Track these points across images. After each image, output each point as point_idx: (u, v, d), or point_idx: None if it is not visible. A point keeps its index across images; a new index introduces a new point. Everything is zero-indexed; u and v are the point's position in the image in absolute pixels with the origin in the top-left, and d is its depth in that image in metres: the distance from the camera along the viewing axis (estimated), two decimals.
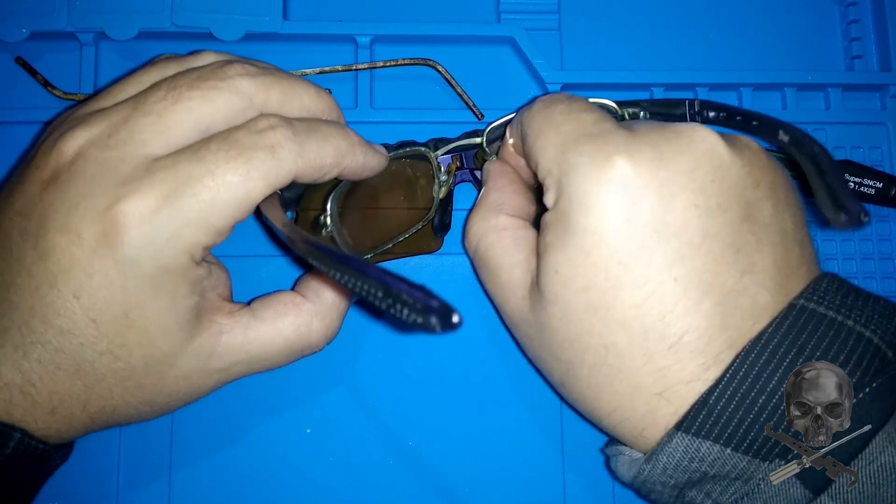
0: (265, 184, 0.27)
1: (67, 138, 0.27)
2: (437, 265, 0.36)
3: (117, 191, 0.25)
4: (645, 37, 0.40)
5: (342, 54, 0.38)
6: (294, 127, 0.28)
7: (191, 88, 0.27)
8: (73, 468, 0.32)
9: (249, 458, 0.34)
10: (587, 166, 0.26)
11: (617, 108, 0.33)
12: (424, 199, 0.34)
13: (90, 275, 0.25)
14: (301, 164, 0.27)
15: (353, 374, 0.35)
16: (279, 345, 0.30)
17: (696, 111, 0.33)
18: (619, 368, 0.26)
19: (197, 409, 0.33)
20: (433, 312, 0.19)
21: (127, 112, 0.27)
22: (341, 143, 0.29)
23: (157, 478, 0.34)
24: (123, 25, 0.35)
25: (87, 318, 0.26)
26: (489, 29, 0.38)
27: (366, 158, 0.30)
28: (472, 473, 0.35)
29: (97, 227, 0.25)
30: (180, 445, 0.34)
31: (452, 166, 0.34)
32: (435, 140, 0.34)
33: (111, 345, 0.26)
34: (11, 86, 0.37)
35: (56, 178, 0.26)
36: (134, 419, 0.29)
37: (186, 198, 0.26)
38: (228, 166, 0.26)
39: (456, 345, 0.36)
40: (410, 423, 0.35)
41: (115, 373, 0.27)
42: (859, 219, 0.23)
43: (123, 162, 0.26)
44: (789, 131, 0.27)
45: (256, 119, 0.28)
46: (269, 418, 0.35)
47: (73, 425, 0.27)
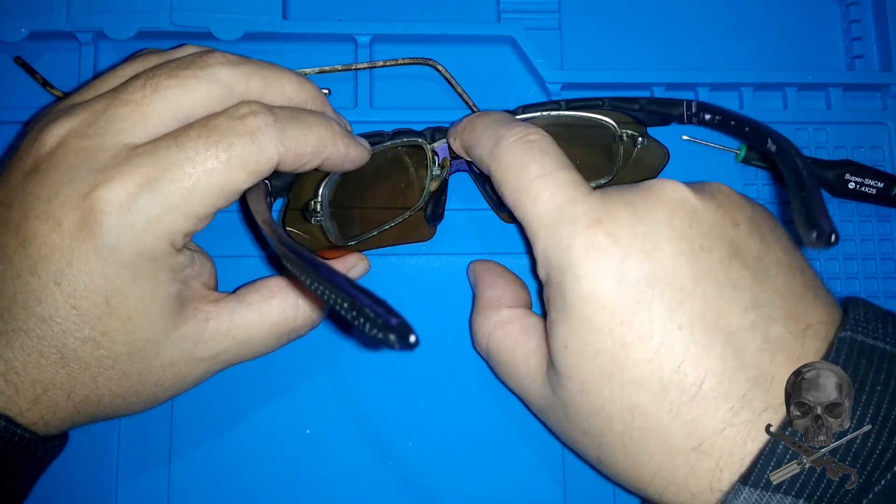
0: (246, 171, 0.27)
1: (49, 129, 0.27)
2: (435, 265, 0.36)
3: (96, 178, 0.26)
4: (645, 37, 0.40)
5: (342, 54, 0.38)
6: (275, 114, 0.28)
7: (169, 77, 0.27)
8: (73, 461, 0.32)
9: (248, 448, 0.34)
10: (570, 238, 0.26)
11: (616, 128, 0.33)
12: (418, 189, 0.34)
13: (70, 261, 0.25)
14: (282, 151, 0.27)
15: (353, 372, 0.35)
16: (266, 328, 0.30)
17: (692, 112, 0.33)
18: (648, 430, 0.25)
19: (196, 400, 0.34)
20: (392, 330, 0.19)
21: (106, 102, 0.27)
22: (323, 132, 0.29)
23: (156, 467, 0.34)
24: (122, 25, 0.35)
25: (68, 305, 0.26)
26: (489, 28, 0.38)
27: (348, 150, 0.30)
28: (471, 473, 0.35)
29: (76, 214, 0.25)
30: (180, 436, 0.34)
31: (447, 160, 0.34)
32: (432, 129, 0.34)
33: (93, 332, 0.26)
34: (11, 85, 0.37)
35: (37, 168, 0.27)
36: (122, 410, 0.29)
37: (166, 184, 0.26)
38: (209, 153, 0.26)
39: (456, 345, 0.35)
40: (410, 423, 0.35)
41: (99, 361, 0.27)
42: (829, 239, 0.23)
43: (103, 150, 0.26)
44: (777, 141, 0.27)
45: (237, 105, 0.28)
46: (269, 413, 0.35)
47: (58, 415, 0.27)
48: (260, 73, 0.29)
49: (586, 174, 0.33)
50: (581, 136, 0.35)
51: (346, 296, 0.21)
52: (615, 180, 0.35)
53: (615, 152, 0.34)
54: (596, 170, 0.35)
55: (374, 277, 0.36)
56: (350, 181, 0.33)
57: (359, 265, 0.34)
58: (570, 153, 0.28)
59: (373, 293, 0.21)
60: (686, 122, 0.34)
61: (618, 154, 0.34)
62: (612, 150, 0.34)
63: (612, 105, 0.34)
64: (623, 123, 0.34)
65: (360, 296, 0.20)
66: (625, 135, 0.34)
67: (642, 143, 0.34)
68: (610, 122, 0.34)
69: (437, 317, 0.36)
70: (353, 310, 0.20)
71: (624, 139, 0.34)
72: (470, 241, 0.37)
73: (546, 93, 0.38)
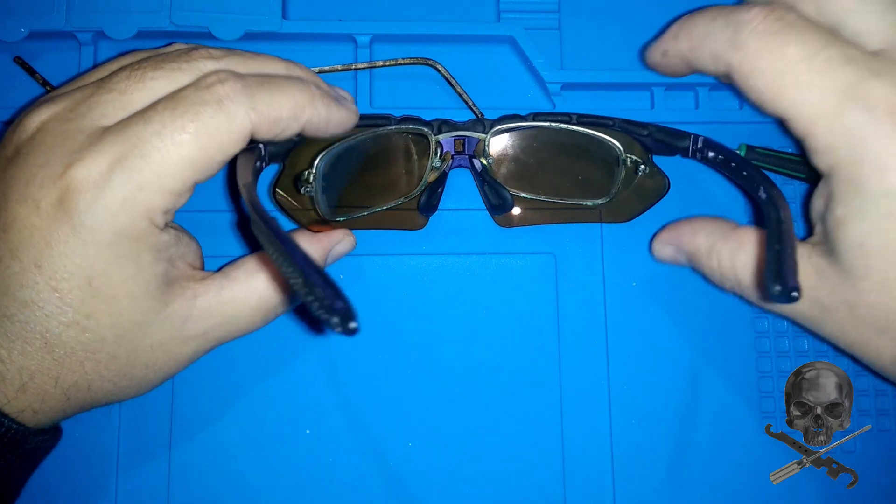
0: (216, 140, 0.26)
1: (31, 115, 0.27)
2: (430, 265, 0.36)
3: (70, 158, 0.26)
4: (645, 37, 0.39)
5: (342, 54, 0.38)
6: (245, 80, 0.27)
7: (154, 69, 0.27)
8: (72, 454, 0.33)
9: (248, 443, 0.34)
10: (867, 127, 0.24)
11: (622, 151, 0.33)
12: (416, 177, 0.34)
13: (49, 243, 0.25)
14: (254, 118, 0.27)
15: (353, 371, 0.35)
16: (253, 304, 0.30)
17: (697, 147, 0.33)
18: None
19: (195, 393, 0.34)
20: (335, 313, 0.20)
21: (90, 91, 0.27)
22: (299, 95, 0.28)
23: (156, 460, 0.34)
24: (122, 25, 0.35)
25: (50, 288, 0.26)
26: (489, 28, 0.38)
27: (329, 112, 0.29)
28: (471, 474, 0.35)
29: (53, 195, 0.25)
30: (179, 430, 0.34)
31: (449, 154, 0.34)
32: (440, 121, 0.34)
33: (77, 315, 0.26)
34: (10, 85, 0.36)
35: (18, 153, 0.27)
36: (114, 395, 0.29)
37: (136, 160, 0.25)
38: (175, 124, 0.26)
39: (456, 345, 0.36)
40: (410, 423, 0.35)
41: (85, 345, 0.27)
42: (790, 295, 0.22)
43: (80, 132, 0.26)
44: (768, 191, 0.27)
45: (206, 75, 0.27)
46: (269, 411, 0.35)
47: (47, 403, 0.27)
48: (245, 64, 0.29)
49: (584, 191, 0.33)
50: (586, 152, 0.35)
51: (300, 272, 0.21)
52: (612, 202, 0.35)
53: (616, 175, 0.34)
54: (594, 188, 0.35)
55: (369, 277, 0.36)
56: (348, 158, 0.33)
57: (344, 241, 0.34)
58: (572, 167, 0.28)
59: (328, 275, 0.21)
60: (690, 155, 0.34)
61: (619, 177, 0.34)
62: (615, 172, 0.34)
63: (621, 127, 0.34)
64: (629, 146, 0.34)
65: (314, 274, 0.21)
66: (629, 159, 0.34)
67: (643, 171, 0.34)
68: (617, 144, 0.34)
69: (434, 316, 0.36)
70: (304, 287, 0.21)
71: (627, 164, 0.34)
72: (465, 241, 0.37)
73: (546, 93, 0.38)
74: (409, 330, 0.36)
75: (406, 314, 0.36)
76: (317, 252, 0.33)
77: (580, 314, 0.36)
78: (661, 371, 0.36)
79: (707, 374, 0.36)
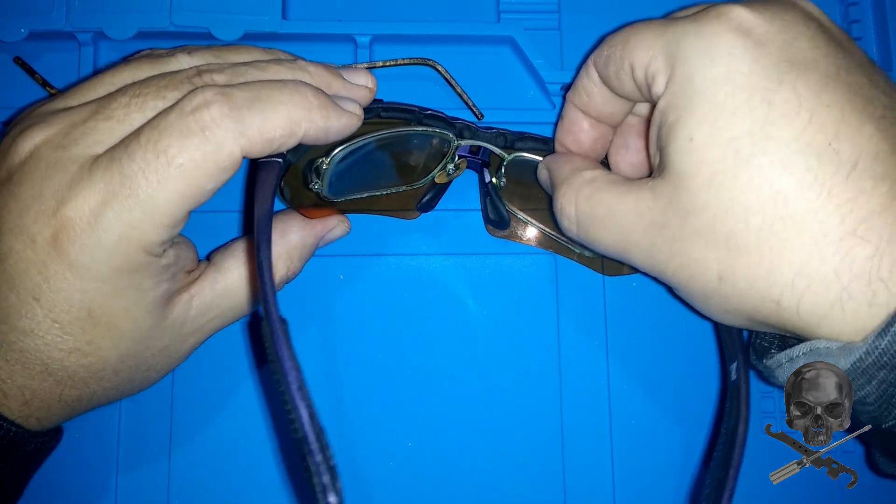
0: (203, 172, 0.25)
1: (24, 137, 0.26)
2: (429, 266, 0.36)
3: (63, 194, 0.25)
4: None
5: (342, 54, 0.38)
6: (232, 100, 0.25)
7: (156, 98, 0.26)
8: (72, 454, 0.33)
9: (248, 441, 0.34)
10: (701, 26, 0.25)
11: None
12: (423, 173, 0.34)
13: (46, 278, 0.25)
14: (244, 143, 0.25)
15: (352, 371, 0.35)
16: (247, 290, 0.30)
17: None
18: (793, 218, 0.23)
19: (196, 392, 0.34)
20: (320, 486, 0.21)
21: (87, 114, 0.26)
22: (294, 110, 0.26)
23: (156, 460, 0.34)
24: (122, 25, 0.35)
25: (49, 320, 0.25)
26: (489, 29, 0.38)
27: (327, 123, 0.27)
28: (471, 474, 0.35)
29: (48, 231, 0.25)
30: (180, 429, 0.34)
31: (464, 162, 0.34)
32: (463, 125, 0.34)
33: (77, 342, 0.26)
34: (10, 85, 0.37)
35: (10, 178, 0.26)
36: (116, 398, 0.30)
37: (124, 200, 0.24)
38: (160, 161, 0.24)
39: (456, 345, 0.36)
40: (410, 423, 0.35)
41: (87, 367, 0.27)
42: None
43: (73, 161, 0.25)
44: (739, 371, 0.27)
45: (190, 96, 0.25)
46: (269, 409, 0.35)
47: (51, 413, 0.27)
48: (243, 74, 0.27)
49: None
50: None
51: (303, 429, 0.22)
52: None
53: None
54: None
55: (367, 278, 0.36)
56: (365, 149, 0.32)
57: (339, 227, 0.34)
58: None
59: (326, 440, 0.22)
60: None
61: None
62: None
63: None
64: None
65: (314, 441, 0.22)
66: None
67: None
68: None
69: (434, 317, 0.36)
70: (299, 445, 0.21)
71: None
72: (465, 241, 0.37)
73: (546, 93, 0.38)
74: (408, 330, 0.36)
75: (406, 314, 0.36)
76: (310, 237, 0.32)
77: (580, 314, 0.36)
78: (661, 371, 0.36)
79: (707, 374, 0.36)
